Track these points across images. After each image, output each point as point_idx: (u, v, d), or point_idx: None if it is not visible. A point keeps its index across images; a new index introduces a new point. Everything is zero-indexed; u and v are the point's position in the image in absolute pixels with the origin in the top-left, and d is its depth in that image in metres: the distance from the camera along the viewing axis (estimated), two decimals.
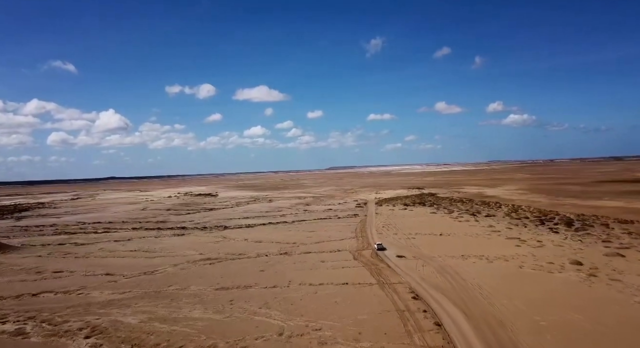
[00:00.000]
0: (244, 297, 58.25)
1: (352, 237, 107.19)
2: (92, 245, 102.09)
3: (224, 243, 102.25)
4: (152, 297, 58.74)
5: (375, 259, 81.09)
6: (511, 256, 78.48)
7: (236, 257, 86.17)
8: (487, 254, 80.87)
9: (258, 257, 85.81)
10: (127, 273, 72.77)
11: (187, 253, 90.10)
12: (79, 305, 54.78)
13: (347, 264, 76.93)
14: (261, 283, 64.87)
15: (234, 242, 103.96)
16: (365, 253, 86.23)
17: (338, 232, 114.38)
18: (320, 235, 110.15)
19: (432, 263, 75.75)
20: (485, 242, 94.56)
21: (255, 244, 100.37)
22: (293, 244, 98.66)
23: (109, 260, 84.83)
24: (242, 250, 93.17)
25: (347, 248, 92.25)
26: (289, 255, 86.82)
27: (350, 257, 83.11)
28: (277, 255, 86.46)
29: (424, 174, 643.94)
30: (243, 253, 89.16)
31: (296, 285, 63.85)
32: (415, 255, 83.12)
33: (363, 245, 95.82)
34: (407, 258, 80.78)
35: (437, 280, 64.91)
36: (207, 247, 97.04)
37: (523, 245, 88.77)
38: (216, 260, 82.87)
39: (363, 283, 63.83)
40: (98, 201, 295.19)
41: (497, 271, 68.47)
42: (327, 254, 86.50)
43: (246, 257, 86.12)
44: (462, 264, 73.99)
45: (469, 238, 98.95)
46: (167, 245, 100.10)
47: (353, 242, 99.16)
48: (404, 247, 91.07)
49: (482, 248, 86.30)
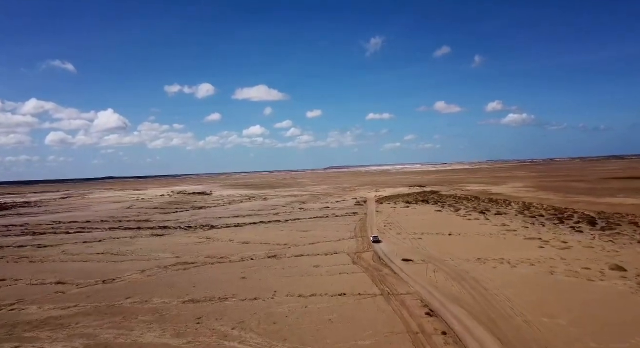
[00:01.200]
0: (216, 312, 46.76)
1: (350, 237, 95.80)
2: (56, 247, 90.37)
3: (206, 245, 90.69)
4: (102, 313, 47.17)
5: (378, 263, 69.69)
6: (536, 259, 67.13)
7: (217, 260, 74.64)
8: (507, 257, 69.55)
9: (242, 260, 74.30)
10: (82, 281, 61.17)
11: (161, 257, 78.55)
12: (2, 326, 43.18)
13: (345, 269, 65.53)
14: (240, 294, 53.37)
15: (217, 244, 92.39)
16: (366, 256, 74.83)
17: (335, 232, 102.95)
18: (315, 235, 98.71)
19: (444, 268, 64.39)
20: (501, 242, 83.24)
21: (241, 246, 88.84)
22: (284, 246, 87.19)
23: (68, 265, 73.18)
24: (225, 252, 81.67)
25: (345, 250, 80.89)
26: (278, 258, 75.33)
27: (349, 261, 71.72)
28: (264, 259, 74.96)
29: (423, 173, 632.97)
30: (225, 257, 77.64)
31: (282, 296, 52.38)
32: (424, 258, 71.74)
33: (363, 246, 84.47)
34: (414, 262, 69.40)
35: (454, 289, 53.53)
36: (185, 249, 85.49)
37: (546, 246, 77.49)
38: (192, 265, 71.33)
39: (364, 294, 52.42)
40: (86, 200, 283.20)
41: (524, 278, 57.09)
42: (321, 257, 75.08)
43: (228, 260, 74.60)
44: (480, 269, 62.62)
45: (483, 239, 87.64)
46: (141, 247, 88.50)
47: (352, 243, 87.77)
48: (410, 249, 79.72)
49: (499, 250, 75.03)
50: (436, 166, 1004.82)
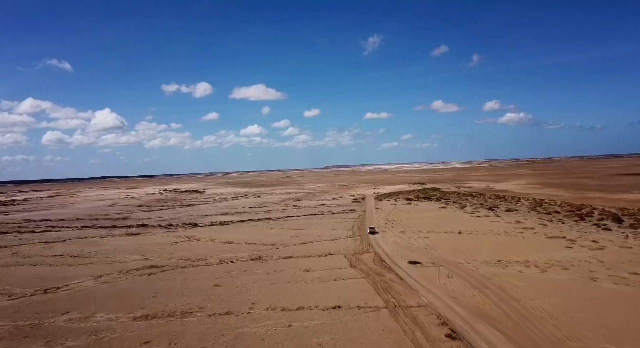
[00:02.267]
0: (171, 334, 35.82)
1: (348, 236, 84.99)
2: (9, 248, 79.06)
3: (184, 246, 79.66)
4: (20, 336, 36.16)
5: (381, 267, 58.88)
6: (568, 262, 56.43)
7: (191, 264, 63.64)
8: (532, 259, 58.86)
9: (220, 263, 63.32)
10: (19, 291, 50.07)
11: (128, 259, 67.47)
12: None
13: (342, 274, 54.71)
14: (209, 308, 42.45)
15: (197, 244, 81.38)
16: (366, 259, 64.01)
17: (331, 231, 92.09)
18: (309, 235, 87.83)
19: (460, 272, 53.65)
20: (521, 242, 72.56)
21: (222, 246, 77.89)
22: (272, 246, 76.28)
23: (13, 270, 61.96)
24: (203, 254, 70.68)
25: (342, 251, 70.07)
26: (263, 261, 64.39)
27: (346, 264, 60.91)
28: (247, 262, 64.01)
29: (422, 171, 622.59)
30: (202, 259, 66.64)
31: (262, 310, 41.51)
32: (435, 260, 60.98)
33: (363, 247, 73.66)
34: (423, 265, 58.63)
35: (477, 301, 42.76)
36: (159, 251, 74.47)
37: (575, 246, 66.86)
38: (161, 269, 60.31)
39: (365, 308, 41.61)
40: (73, 198, 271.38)
41: (561, 286, 46.36)
42: (314, 260, 64.21)
43: (204, 264, 63.60)
44: (504, 274, 51.91)
45: (499, 238, 76.98)
46: (109, 248, 77.39)
47: (350, 243, 76.95)
48: (417, 250, 68.94)
49: (521, 251, 64.36)
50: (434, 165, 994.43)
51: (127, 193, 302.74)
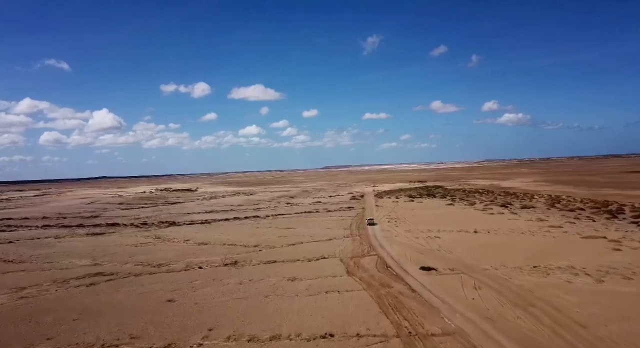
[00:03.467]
0: None
1: (345, 235, 72.56)
2: None
3: (149, 247, 67.03)
4: None
5: (385, 273, 46.48)
6: (627, 269, 44.14)
7: (148, 270, 51.03)
8: (577, 264, 46.59)
9: (185, 270, 50.73)
10: None
11: (73, 265, 54.81)
12: None
13: (336, 284, 42.26)
14: (145, 337, 29.90)
15: (165, 245, 68.77)
16: (367, 263, 51.56)
17: (326, 230, 79.66)
18: (299, 234, 75.38)
19: (490, 282, 41.27)
20: (553, 243, 60.25)
21: (195, 248, 65.30)
22: (253, 248, 63.73)
23: None
24: (169, 257, 58.07)
25: (337, 253, 57.61)
26: (239, 266, 51.80)
27: (342, 270, 48.50)
28: (218, 268, 51.44)
29: (421, 171, 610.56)
30: (165, 264, 54.04)
31: (219, 340, 29.04)
32: (453, 265, 48.58)
33: (362, 248, 61.23)
34: (440, 271, 46.26)
35: (524, 325, 30.38)
36: (117, 253, 61.82)
37: (623, 248, 54.60)
38: (107, 278, 47.69)
39: (367, 336, 29.23)
40: (58, 197, 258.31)
41: (636, 303, 34.02)
42: (303, 265, 51.75)
43: (165, 270, 51.01)
44: (548, 285, 39.57)
45: (524, 238, 64.71)
46: (57, 251, 64.72)
47: (347, 244, 64.50)
48: (429, 252, 56.53)
49: (558, 254, 52.10)
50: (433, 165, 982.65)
51: (116, 192, 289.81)
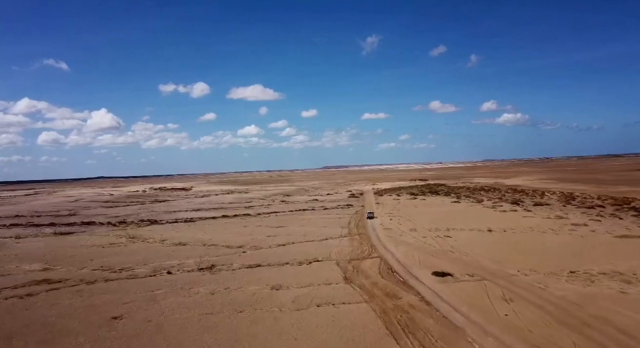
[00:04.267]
0: None
1: (342, 235, 64.21)
2: None
3: (119, 249, 58.58)
4: None
5: (391, 280, 38.18)
6: None
7: (106, 276, 42.58)
8: (624, 269, 38.41)
9: (151, 276, 42.30)
10: None
11: (18, 270, 46.37)
12: None
13: (331, 295, 33.90)
14: None
15: (138, 246, 60.34)
16: (368, 267, 43.21)
17: (321, 228, 71.33)
18: (292, 233, 67.03)
19: (522, 292, 33.00)
20: (583, 243, 52.03)
21: (170, 249, 56.88)
22: (237, 249, 55.34)
23: None
24: (136, 260, 49.65)
25: (333, 255, 49.27)
26: (215, 271, 43.37)
27: (338, 275, 40.18)
28: (191, 273, 43.04)
29: (421, 170, 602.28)
30: (128, 268, 45.60)
31: None
32: (472, 270, 40.28)
33: (362, 248, 52.91)
34: (457, 277, 37.97)
35: None
36: (77, 256, 53.38)
37: None
38: (54, 286, 39.24)
39: None
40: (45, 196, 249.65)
41: None
42: (291, 270, 43.39)
43: (127, 276, 42.55)
44: (598, 296, 31.33)
45: (548, 237, 56.49)
46: (8, 254, 56.34)
47: (344, 244, 56.14)
48: (440, 253, 48.21)
49: (594, 256, 43.91)
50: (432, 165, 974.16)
51: (108, 191, 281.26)
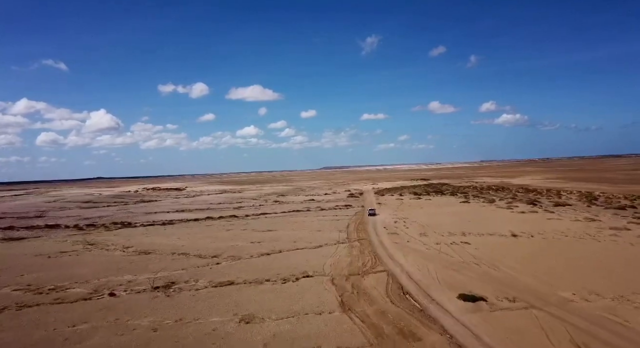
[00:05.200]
0: None
1: (340, 240, 54.09)
2: None
3: (67, 259, 48.49)
4: None
5: (403, 307, 28.12)
6: None
7: (26, 300, 32.50)
8: None
9: (87, 299, 32.17)
10: None
11: None
12: None
13: (320, 334, 23.81)
14: None
15: (92, 255, 50.21)
16: (371, 286, 33.09)
17: (315, 233, 61.23)
18: (280, 238, 56.92)
19: (594, 329, 22.94)
20: (636, 253, 42.02)
21: (129, 259, 46.73)
22: (210, 259, 45.22)
23: None
24: (80, 275, 39.54)
25: (327, 268, 39.16)
26: (172, 292, 33.20)
27: (332, 300, 30.14)
28: (140, 294, 32.90)
29: (421, 170, 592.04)
30: (63, 287, 35.47)
31: None
32: (509, 291, 30.22)
33: (364, 259, 42.79)
34: (492, 303, 27.96)
35: None
36: (10, 269, 43.33)
37: None
38: None
39: None
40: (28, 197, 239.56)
41: None
42: (273, 290, 33.28)
43: (54, 299, 32.39)
44: None
45: (586, 245, 46.51)
46: None
47: (341, 253, 46.02)
48: (461, 266, 38.10)
49: None
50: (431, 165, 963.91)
51: (99, 191, 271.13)
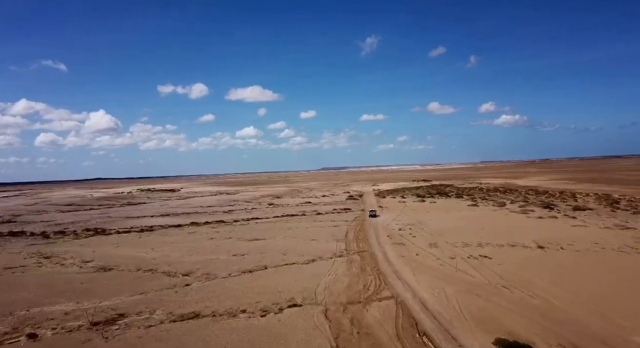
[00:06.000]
0: None
1: (337, 253, 46.07)
2: None
3: (9, 278, 40.48)
4: None
5: None
6: None
7: None
8: None
9: None
10: None
11: None
12: None
13: None
14: None
15: (41, 273, 42.19)
16: (375, 321, 25.03)
17: (309, 242, 53.25)
18: (268, 249, 48.92)
19: None
20: None
21: (83, 278, 38.76)
22: (180, 279, 37.21)
23: None
24: (8, 303, 31.57)
25: (321, 293, 31.12)
26: (114, 332, 25.14)
27: (324, 344, 22.05)
28: (72, 334, 24.88)
29: (421, 171, 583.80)
30: None
31: None
32: (564, 334, 22.20)
33: (365, 279, 34.81)
34: None
35: None
36: None
37: None
38: None
39: None
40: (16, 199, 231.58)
41: None
42: (247, 326, 25.21)
43: None
44: None
45: (630, 260, 38.56)
46: None
47: (339, 271, 37.97)
48: (490, 291, 30.07)
49: None
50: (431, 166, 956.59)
51: (91, 193, 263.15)
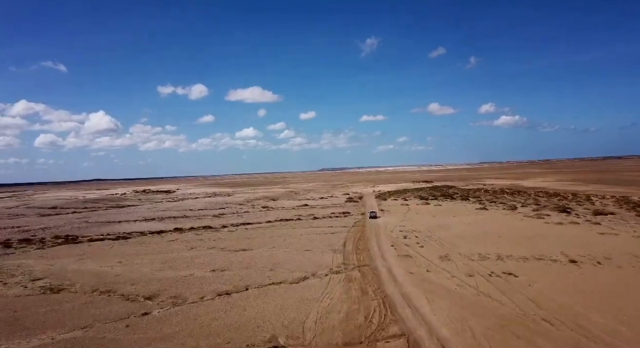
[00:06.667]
0: None
1: (333, 268, 39.24)
2: None
3: None
4: None
5: None
6: None
7: None
8: None
9: None
10: None
11: None
12: None
13: None
14: None
15: None
16: None
17: (302, 253, 46.44)
18: (253, 264, 42.14)
19: None
20: None
21: (26, 302, 31.96)
22: (142, 303, 30.43)
23: None
24: None
25: (310, 329, 24.28)
26: None
27: None
28: None
29: (423, 172, 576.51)
30: None
31: None
32: None
33: (367, 305, 28.00)
34: None
35: None
36: None
37: None
38: None
39: None
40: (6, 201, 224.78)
41: None
42: None
43: None
44: None
45: None
46: None
47: (334, 294, 31.16)
48: (532, 329, 23.23)
49: None
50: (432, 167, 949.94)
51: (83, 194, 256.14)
